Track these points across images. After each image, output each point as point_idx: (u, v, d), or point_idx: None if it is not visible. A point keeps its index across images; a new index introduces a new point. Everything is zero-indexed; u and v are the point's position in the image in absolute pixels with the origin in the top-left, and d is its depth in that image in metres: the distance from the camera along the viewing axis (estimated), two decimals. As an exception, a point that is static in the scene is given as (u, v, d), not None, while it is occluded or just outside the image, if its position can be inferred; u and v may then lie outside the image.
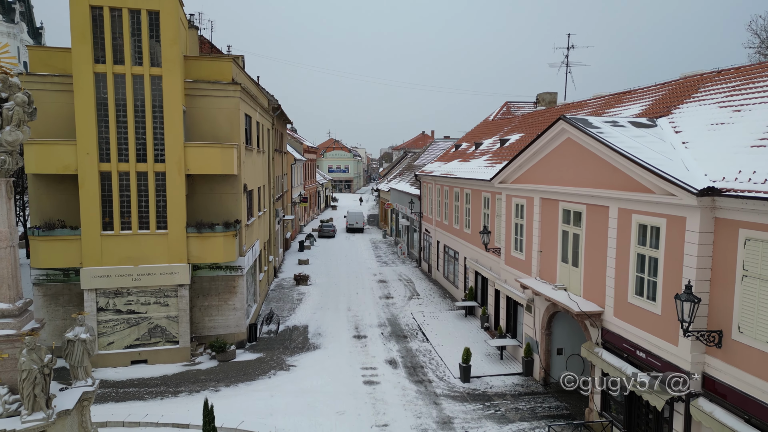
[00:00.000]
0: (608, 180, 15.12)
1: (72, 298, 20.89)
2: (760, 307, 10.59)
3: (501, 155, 27.89)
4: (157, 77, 20.01)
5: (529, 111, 41.11)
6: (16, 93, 11.33)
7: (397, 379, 19.84)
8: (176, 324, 20.98)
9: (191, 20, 27.73)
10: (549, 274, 18.98)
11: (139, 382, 19.19)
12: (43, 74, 19.99)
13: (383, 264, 43.00)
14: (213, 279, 22.16)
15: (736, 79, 16.13)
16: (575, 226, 17.28)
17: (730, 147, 12.78)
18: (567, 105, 27.88)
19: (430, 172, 37.17)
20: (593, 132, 15.47)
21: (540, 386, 19.34)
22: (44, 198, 20.43)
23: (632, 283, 14.29)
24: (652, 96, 20.17)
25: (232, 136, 21.92)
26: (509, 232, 22.35)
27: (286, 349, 22.81)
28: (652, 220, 13.45)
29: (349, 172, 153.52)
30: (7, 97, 11.33)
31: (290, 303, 30.30)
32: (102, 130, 19.76)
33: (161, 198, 20.46)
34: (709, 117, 14.98)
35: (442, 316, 28.13)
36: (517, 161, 20.63)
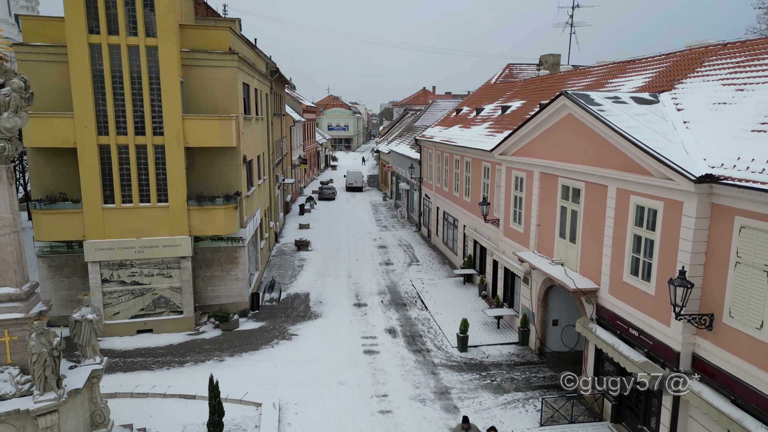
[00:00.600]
0: (608, 159, 15.12)
1: (76, 269, 21.21)
2: (752, 293, 10.82)
3: (502, 123, 27.69)
4: (152, 48, 19.69)
5: (532, 74, 40.52)
6: (12, 78, 11.23)
7: (396, 348, 20.37)
8: (180, 294, 21.38)
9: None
10: (547, 248, 19.21)
11: (145, 351, 19.72)
12: (37, 45, 19.65)
13: (383, 228, 43.29)
14: (215, 250, 22.42)
15: (741, 54, 15.88)
16: (574, 203, 17.38)
17: (731, 130, 12.73)
18: (570, 72, 27.47)
19: (431, 137, 36.95)
20: (594, 110, 15.35)
21: (535, 356, 19.88)
22: (44, 170, 20.45)
23: (628, 262, 14.50)
24: (656, 67, 19.89)
25: (231, 107, 21.73)
26: (508, 204, 22.46)
27: (288, 318, 23.31)
28: (649, 202, 13.55)
29: (349, 130, 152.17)
30: (3, 82, 11.24)
31: (291, 270, 30.72)
32: (99, 103, 19.59)
33: (161, 171, 20.48)
34: (712, 95, 14.84)
35: (441, 283, 28.58)
36: (518, 134, 20.52)
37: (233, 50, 21.87)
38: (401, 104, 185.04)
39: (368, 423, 15.24)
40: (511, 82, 35.79)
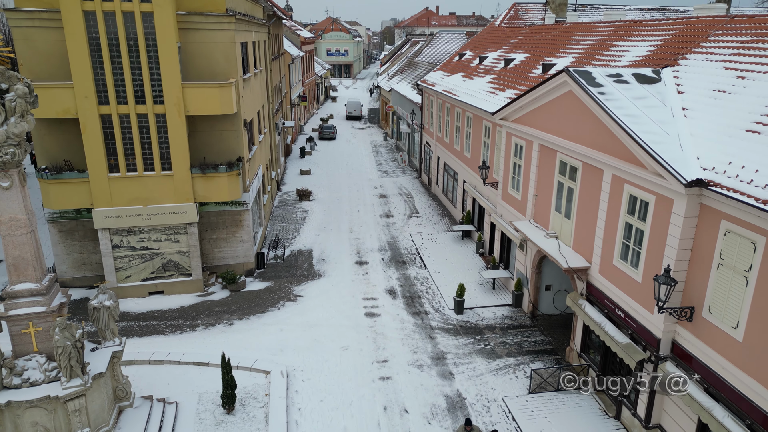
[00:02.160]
0: (605, 144, 15.32)
1: (86, 233, 21.88)
2: (730, 294, 11.49)
3: (504, 79, 27.36)
4: (148, 14, 19.27)
5: (538, 14, 39.33)
6: (16, 84, 11.33)
7: (395, 310, 21.42)
8: (188, 258, 22.19)
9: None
10: (543, 219, 19.75)
11: (158, 314, 20.79)
12: (30, 9, 19.18)
13: (384, 174, 43.59)
14: (220, 214, 22.98)
15: (747, 32, 15.67)
16: (570, 180, 17.73)
17: (727, 126, 12.91)
18: (575, 26, 26.78)
19: (432, 84, 36.44)
20: (594, 93, 15.33)
21: (528, 319, 20.95)
22: (48, 138, 20.61)
23: (618, 247, 15.10)
24: (661, 34, 19.54)
25: (229, 71, 21.51)
26: (507, 170, 22.75)
27: (293, 277, 24.26)
28: (642, 194, 13.93)
29: (349, 56, 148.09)
30: (7, 88, 11.35)
31: (294, 223, 31.42)
32: (98, 73, 19.45)
33: (163, 140, 20.64)
34: (713, 80, 14.81)
35: (440, 238, 29.35)
36: (519, 102, 20.46)
37: (230, 11, 21.33)
38: (403, 25, 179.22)
39: (369, 390, 16.46)
40: (516, 28, 34.82)
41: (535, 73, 24.94)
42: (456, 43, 63.74)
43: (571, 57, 23.60)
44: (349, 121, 69.50)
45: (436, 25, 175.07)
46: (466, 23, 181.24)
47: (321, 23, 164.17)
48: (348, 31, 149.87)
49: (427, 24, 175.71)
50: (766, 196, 10.38)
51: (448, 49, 62.37)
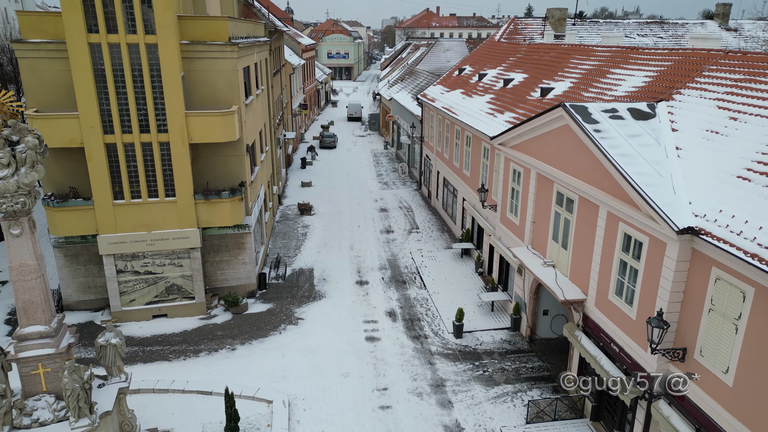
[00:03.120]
0: (601, 181, 15.64)
1: (91, 258, 22.22)
2: (721, 340, 11.81)
3: (504, 99, 27.67)
4: (152, 45, 19.61)
5: (538, 29, 39.64)
6: (27, 136, 11.66)
7: (395, 334, 21.76)
8: (191, 282, 22.53)
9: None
10: (540, 246, 20.06)
11: (162, 339, 21.13)
12: (36, 41, 19.53)
13: (384, 186, 43.90)
14: (222, 237, 23.32)
15: (740, 70, 15.97)
16: (567, 211, 18.04)
17: (719, 171, 13.21)
18: (573, 48, 27.07)
19: (432, 99, 36.75)
20: (591, 132, 15.61)
21: (525, 343, 21.28)
22: (53, 166, 20.91)
23: (614, 283, 15.42)
24: (658, 64, 19.85)
25: (232, 98, 21.83)
26: (505, 194, 23.07)
27: (294, 299, 24.60)
28: (636, 234, 14.25)
29: (350, 58, 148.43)
30: (18, 140, 11.68)
31: (296, 239, 31.75)
32: (103, 103, 19.78)
33: (167, 167, 20.98)
34: (706, 119, 15.12)
35: (440, 256, 29.68)
36: (517, 130, 20.77)
37: (232, 39, 21.66)
38: (404, 26, 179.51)
39: (369, 420, 16.80)
40: (515, 44, 35.12)
41: (533, 96, 25.25)
42: (456, 51, 64.08)
43: (568, 82, 23.91)
44: (351, 122, 75.04)
45: (437, 26, 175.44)
46: (466, 24, 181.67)
47: (322, 25, 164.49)
48: (348, 34, 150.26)
49: (428, 25, 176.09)
50: (754, 249, 10.69)
51: (448, 57, 62.70)
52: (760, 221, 11.21)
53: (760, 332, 10.85)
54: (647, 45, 39.23)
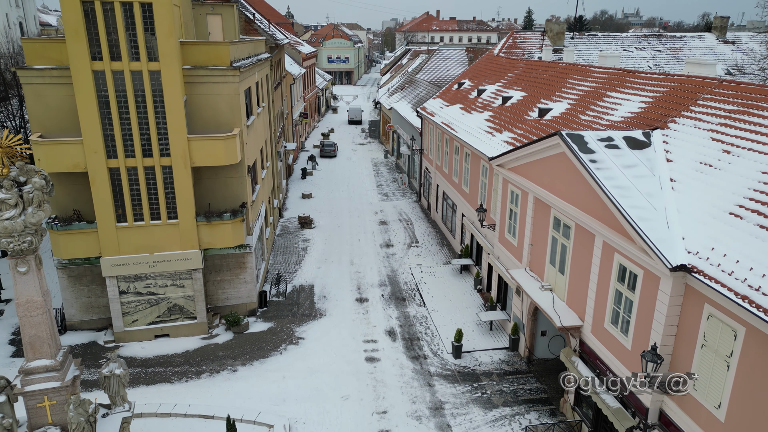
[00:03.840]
0: (597, 211, 15.89)
1: (94, 278, 22.47)
2: (713, 376, 12.07)
3: (502, 117, 27.93)
4: (155, 72, 19.87)
5: (537, 43, 39.93)
6: (34, 177, 11.92)
7: (395, 354, 22.00)
8: (193, 302, 22.78)
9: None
10: (538, 269, 20.32)
11: (164, 360, 21.38)
12: (41, 68, 19.79)
13: (384, 197, 44.14)
14: (224, 257, 23.57)
15: (734, 101, 16.24)
16: (564, 237, 18.30)
17: (712, 206, 13.47)
18: (571, 68, 27.32)
19: (432, 114, 37.01)
20: (586, 163, 15.86)
21: (524, 364, 21.52)
22: (57, 189, 21.08)
23: (609, 312, 15.68)
24: (654, 89, 20.10)
25: (234, 120, 22.10)
26: (504, 215, 23.33)
27: (294, 317, 24.85)
28: (631, 266, 14.51)
29: (350, 62, 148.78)
30: (25, 180, 11.94)
31: (296, 254, 32.00)
32: (106, 128, 20.05)
33: (170, 190, 21.23)
34: (700, 151, 15.38)
35: (439, 271, 29.94)
36: (515, 154, 21.03)
37: (234, 62, 21.94)
38: (404, 30, 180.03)
39: (369, 444, 17.05)
40: (514, 60, 35.41)
41: (531, 116, 25.51)
42: (455, 60, 64.42)
43: (566, 103, 24.17)
44: (351, 125, 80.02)
45: (437, 30, 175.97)
46: (466, 28, 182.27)
47: (322, 30, 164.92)
48: (349, 38, 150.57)
49: (428, 29, 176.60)
50: (744, 291, 10.95)
51: (448, 65, 63.03)
52: (751, 261, 11.47)
53: (751, 371, 11.10)
54: (645, 58, 39.57)
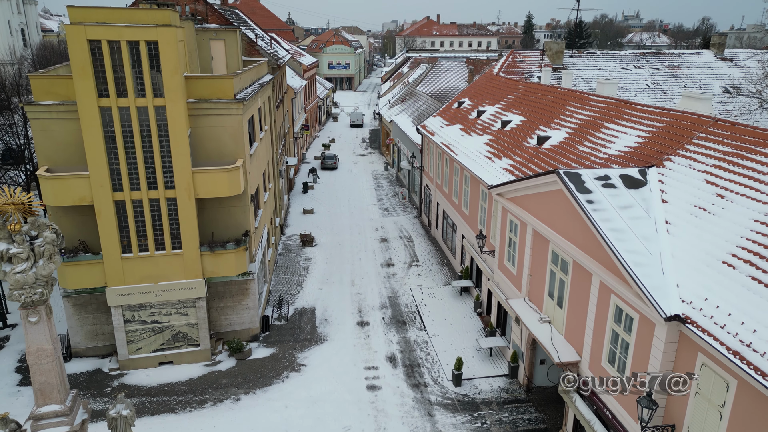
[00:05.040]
0: (593, 251, 16.22)
1: (99, 306, 22.81)
2: (706, 424, 12.39)
3: (501, 142, 28.28)
4: (161, 107, 20.22)
5: (536, 62, 40.32)
6: (45, 231, 12.26)
7: (396, 382, 22.33)
8: (196, 330, 23.11)
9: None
10: (537, 300, 20.64)
11: (168, 388, 21.70)
12: (48, 103, 20.17)
13: (385, 212, 44.47)
14: (227, 284, 23.91)
15: (728, 142, 16.56)
16: (562, 272, 18.62)
17: (705, 253, 13.80)
18: (570, 94, 27.65)
19: (432, 133, 37.36)
20: (583, 204, 16.14)
21: (523, 392, 21.84)
22: (64, 220, 21.52)
23: (606, 351, 16.00)
24: (650, 123, 20.42)
25: (237, 151, 22.46)
26: (503, 242, 23.66)
27: (296, 342, 25.18)
28: (627, 308, 14.83)
29: (350, 69, 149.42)
30: (36, 234, 12.28)
31: (298, 275, 32.34)
32: (112, 162, 20.40)
33: (174, 221, 21.57)
34: (695, 193, 15.70)
35: (439, 293, 30.26)
36: (513, 186, 21.38)
37: (237, 95, 22.30)
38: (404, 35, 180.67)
39: (371, 478, 17.37)
40: (513, 81, 35.75)
41: (530, 143, 25.85)
42: (456, 72, 64.80)
43: (564, 132, 24.50)
44: (353, 128, 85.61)
45: (437, 35, 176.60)
46: (466, 33, 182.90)
47: (323, 36, 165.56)
48: (349, 44, 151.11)
49: (429, 34, 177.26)
50: (736, 346, 11.28)
51: (448, 77, 63.42)
52: (743, 315, 11.80)
53: (743, 424, 11.41)
54: (643, 76, 39.94)
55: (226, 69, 29.13)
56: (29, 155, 36.50)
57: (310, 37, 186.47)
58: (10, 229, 11.82)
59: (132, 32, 19.08)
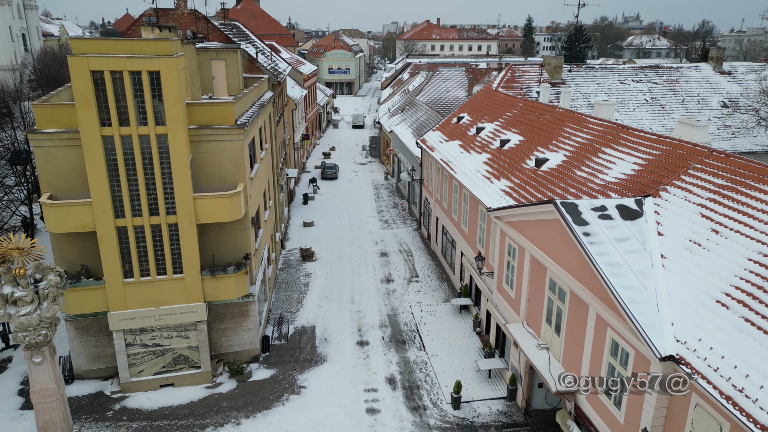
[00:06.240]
0: (590, 282, 16.42)
1: (101, 329, 23.00)
2: (700, 464, 12.58)
3: (500, 162, 28.47)
4: (162, 135, 20.43)
5: (535, 76, 40.53)
6: (49, 275, 12.48)
7: (395, 405, 22.52)
8: (197, 352, 23.31)
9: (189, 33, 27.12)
10: (535, 324, 20.83)
11: (169, 411, 21.90)
12: (51, 131, 20.36)
13: (385, 225, 44.67)
14: (227, 306, 24.11)
15: (723, 175, 16.76)
16: (560, 300, 18.81)
17: (700, 290, 14.01)
18: (568, 115, 27.85)
19: (431, 148, 37.56)
20: (580, 235, 16.31)
21: (521, 415, 22.04)
22: (66, 245, 21.72)
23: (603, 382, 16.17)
24: (647, 150, 20.60)
25: (238, 176, 22.67)
26: (501, 264, 23.86)
27: (296, 363, 25.37)
28: (623, 343, 15.03)
29: (350, 73, 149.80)
30: (41, 278, 12.49)
31: (298, 291, 32.54)
32: (114, 189, 20.59)
33: (175, 246, 21.77)
34: (690, 227, 15.90)
35: (439, 310, 30.46)
36: (511, 211, 21.58)
37: (238, 120, 22.51)
38: (405, 38, 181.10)
39: (370, 506, 17.55)
40: (512, 98, 35.94)
41: (528, 164, 26.05)
42: (455, 81, 65.00)
43: (562, 154, 24.69)
44: (355, 129, 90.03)
45: (437, 38, 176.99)
46: (467, 37, 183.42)
47: (323, 40, 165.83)
48: (350, 49, 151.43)
49: (429, 37, 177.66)
50: (729, 390, 11.48)
51: (447, 86, 63.61)
52: (736, 358, 12.00)
53: (734, 466, 11.61)
54: (642, 91, 40.12)
55: (227, 88, 29.34)
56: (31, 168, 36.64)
57: (310, 40, 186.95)
58: (14, 273, 12.02)
59: (134, 63, 19.29)
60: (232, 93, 28.75)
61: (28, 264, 12.37)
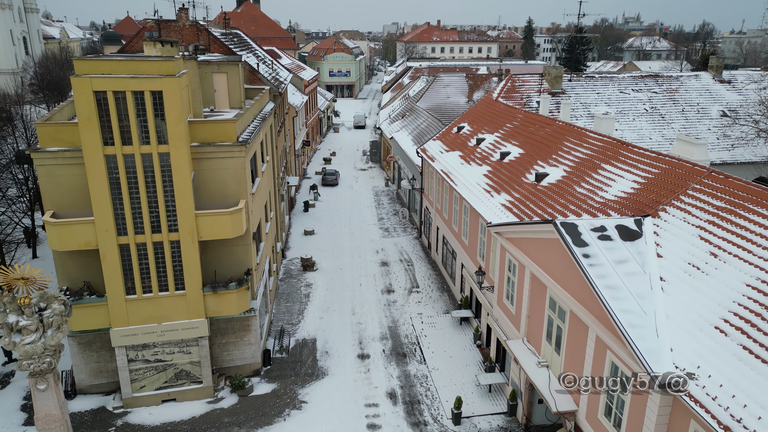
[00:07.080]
0: (589, 304, 16.53)
1: (104, 345, 23.13)
2: (698, 490, 12.69)
3: (500, 175, 28.58)
4: (165, 154, 20.56)
5: (535, 86, 40.66)
6: (53, 303, 12.59)
7: (396, 420, 22.64)
8: (199, 367, 23.43)
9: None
10: (535, 341, 20.94)
11: (171, 427, 22.02)
12: (54, 150, 20.50)
13: (385, 233, 44.79)
14: (229, 320, 24.23)
15: (722, 197, 16.85)
16: (560, 319, 18.92)
17: (699, 315, 14.12)
18: (568, 129, 27.96)
19: (431, 158, 37.67)
20: (579, 257, 16.42)
21: (522, 430, 22.14)
22: (68, 262, 21.86)
23: (602, 404, 16.30)
24: (646, 167, 20.68)
25: (240, 192, 22.80)
26: (502, 279, 23.97)
27: (298, 376, 25.49)
28: (623, 366, 15.13)
29: (351, 76, 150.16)
30: (45, 306, 12.61)
31: (299, 302, 32.66)
32: (117, 207, 20.72)
33: (177, 263, 21.90)
34: (689, 250, 16.00)
35: (439, 322, 30.58)
36: (511, 228, 21.70)
37: (240, 137, 22.64)
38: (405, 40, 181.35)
39: None
40: (512, 108, 36.04)
41: (528, 179, 26.15)
42: (456, 87, 65.19)
43: (562, 169, 24.79)
44: (356, 129, 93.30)
45: (438, 41, 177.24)
46: (467, 39, 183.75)
47: (323, 43, 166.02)
48: (350, 51, 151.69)
49: (429, 40, 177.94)
50: (727, 420, 11.58)
51: (448, 92, 63.82)
52: (734, 387, 12.11)
53: (733, 495, 11.70)
54: (641, 100, 40.22)
55: (229, 100, 29.44)
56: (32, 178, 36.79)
57: (311, 42, 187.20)
58: (19, 303, 12.14)
59: (137, 83, 19.42)
60: (233, 105, 28.87)
61: (32, 293, 12.49)
